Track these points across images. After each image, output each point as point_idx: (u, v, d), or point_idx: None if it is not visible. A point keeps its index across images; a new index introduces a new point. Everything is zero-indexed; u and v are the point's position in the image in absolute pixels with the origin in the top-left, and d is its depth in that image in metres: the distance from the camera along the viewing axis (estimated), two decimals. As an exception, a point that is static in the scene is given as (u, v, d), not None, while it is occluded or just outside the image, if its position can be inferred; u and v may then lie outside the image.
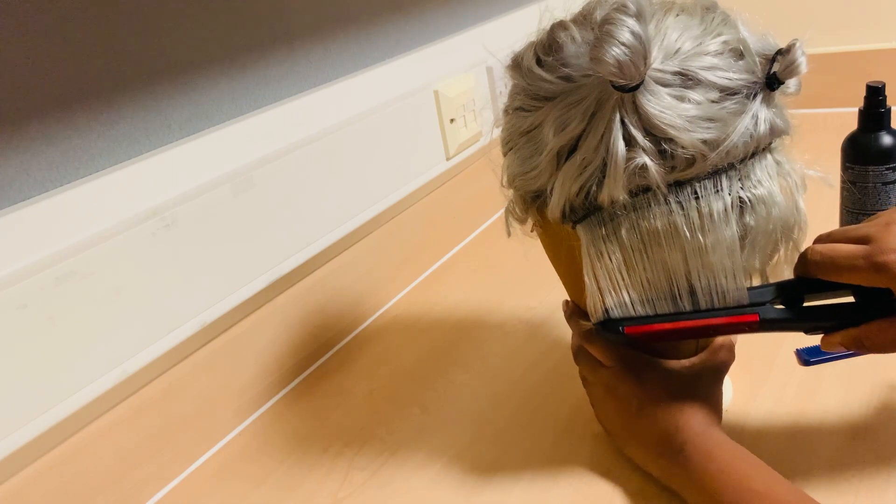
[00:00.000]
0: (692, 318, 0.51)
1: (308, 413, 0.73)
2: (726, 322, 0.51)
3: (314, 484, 0.63)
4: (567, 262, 0.56)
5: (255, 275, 0.75)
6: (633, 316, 0.51)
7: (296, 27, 0.81)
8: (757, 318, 0.51)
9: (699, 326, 0.51)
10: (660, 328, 0.51)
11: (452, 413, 0.69)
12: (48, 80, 0.59)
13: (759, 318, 0.51)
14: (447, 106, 0.98)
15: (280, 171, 0.77)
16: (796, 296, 0.52)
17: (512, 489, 0.59)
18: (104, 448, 0.62)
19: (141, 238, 0.64)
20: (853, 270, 0.48)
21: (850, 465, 0.55)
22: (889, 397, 0.61)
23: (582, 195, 0.49)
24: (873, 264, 0.47)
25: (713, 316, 0.51)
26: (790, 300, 0.52)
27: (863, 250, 0.48)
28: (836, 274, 0.49)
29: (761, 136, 0.48)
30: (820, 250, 0.50)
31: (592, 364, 0.59)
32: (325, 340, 0.83)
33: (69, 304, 0.59)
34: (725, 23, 0.49)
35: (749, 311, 0.51)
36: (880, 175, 0.71)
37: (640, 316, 0.51)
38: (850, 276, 0.48)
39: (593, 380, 0.59)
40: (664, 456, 0.53)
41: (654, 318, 0.51)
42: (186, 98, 0.70)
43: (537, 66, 0.51)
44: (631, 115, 0.46)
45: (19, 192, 0.58)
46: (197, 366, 0.69)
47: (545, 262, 0.61)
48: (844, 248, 0.49)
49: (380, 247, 0.90)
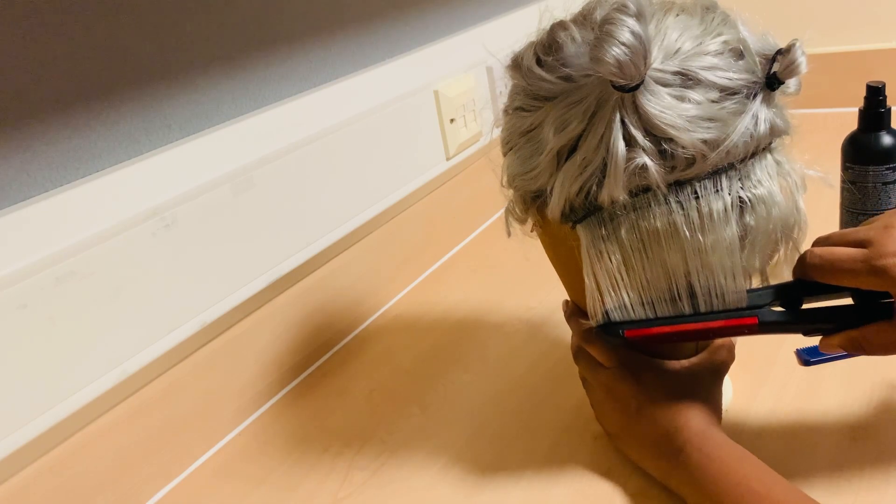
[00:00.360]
0: (691, 321, 0.51)
1: (308, 413, 0.73)
2: (725, 325, 0.51)
3: (314, 484, 0.63)
4: (567, 262, 0.56)
5: (255, 275, 0.75)
6: (632, 319, 0.51)
7: (296, 27, 0.81)
8: (756, 320, 0.51)
9: (698, 329, 0.51)
10: (659, 331, 0.51)
11: (452, 413, 0.69)
12: (48, 80, 0.59)
13: (758, 320, 0.51)
14: (447, 106, 0.98)
15: (280, 171, 0.77)
16: (795, 298, 0.52)
17: (512, 489, 0.59)
18: (104, 448, 0.62)
19: (141, 238, 0.64)
20: (851, 274, 0.48)
21: (850, 465, 0.55)
22: (889, 397, 0.61)
23: (582, 195, 0.49)
24: (871, 268, 0.47)
25: (712, 319, 0.51)
26: (789, 302, 0.52)
27: (861, 254, 0.48)
28: (834, 277, 0.49)
29: (761, 136, 0.48)
30: (818, 253, 0.50)
31: (592, 365, 0.59)
32: (325, 340, 0.83)
33: (69, 304, 0.59)
34: (725, 23, 0.49)
35: (748, 314, 0.51)
36: (880, 175, 0.71)
37: (640, 319, 0.51)
38: (848, 279, 0.49)
39: (593, 381, 0.59)
40: (663, 456, 0.53)
41: (653, 320, 0.51)
42: (186, 98, 0.70)
43: (537, 66, 0.51)
44: (631, 115, 0.46)
45: (19, 192, 0.58)
46: (197, 366, 0.69)
47: (545, 262, 0.61)
48: (843, 251, 0.49)
49: (380, 247, 0.90)
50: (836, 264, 0.49)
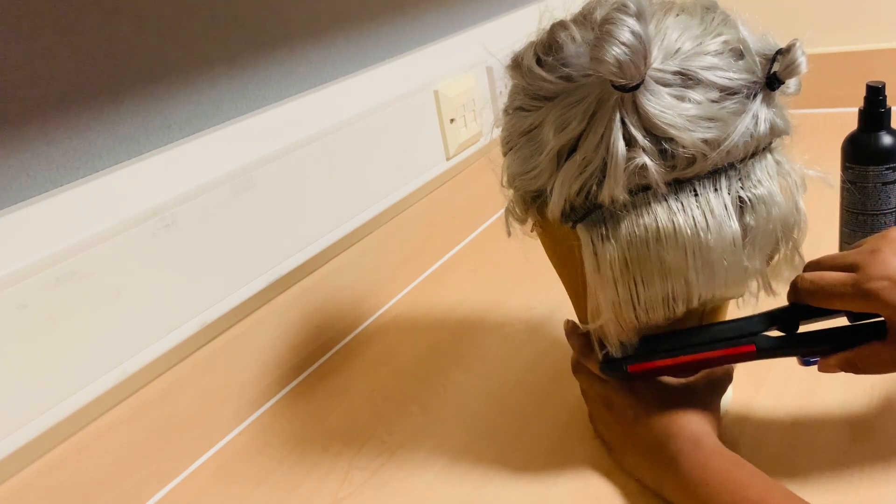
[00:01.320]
0: (691, 353, 0.53)
1: (308, 413, 0.73)
2: (724, 354, 0.53)
3: (314, 484, 0.63)
4: (567, 261, 0.56)
5: (255, 275, 0.75)
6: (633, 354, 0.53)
7: (296, 27, 0.81)
8: (754, 348, 0.52)
9: (698, 360, 0.53)
10: (661, 364, 0.53)
11: (452, 413, 0.69)
12: (48, 80, 0.59)
13: (755, 347, 0.52)
14: (447, 106, 0.98)
15: (280, 171, 0.77)
16: (791, 322, 0.54)
17: (512, 489, 0.59)
18: (104, 448, 0.62)
19: (141, 238, 0.64)
20: (842, 298, 0.50)
21: (851, 465, 0.55)
22: (889, 397, 0.61)
23: (582, 195, 0.49)
24: (861, 291, 0.48)
25: (711, 349, 0.53)
26: (786, 327, 0.54)
27: (850, 278, 0.49)
28: (826, 301, 0.51)
29: (761, 136, 0.48)
30: (809, 278, 0.52)
31: (591, 378, 0.60)
32: (325, 340, 0.83)
33: (69, 304, 0.59)
34: (725, 23, 0.49)
35: (745, 342, 0.53)
36: (880, 175, 0.71)
37: (641, 353, 0.53)
38: (839, 302, 0.50)
39: (591, 393, 0.60)
40: (658, 465, 0.53)
41: (653, 353, 0.53)
42: (186, 98, 0.70)
43: (537, 65, 0.51)
44: (631, 114, 0.46)
45: (19, 192, 0.58)
46: (197, 366, 0.69)
47: (545, 262, 0.61)
48: (832, 276, 0.51)
49: (380, 247, 0.90)
50: (826, 289, 0.50)
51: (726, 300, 0.55)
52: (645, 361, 0.53)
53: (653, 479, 0.54)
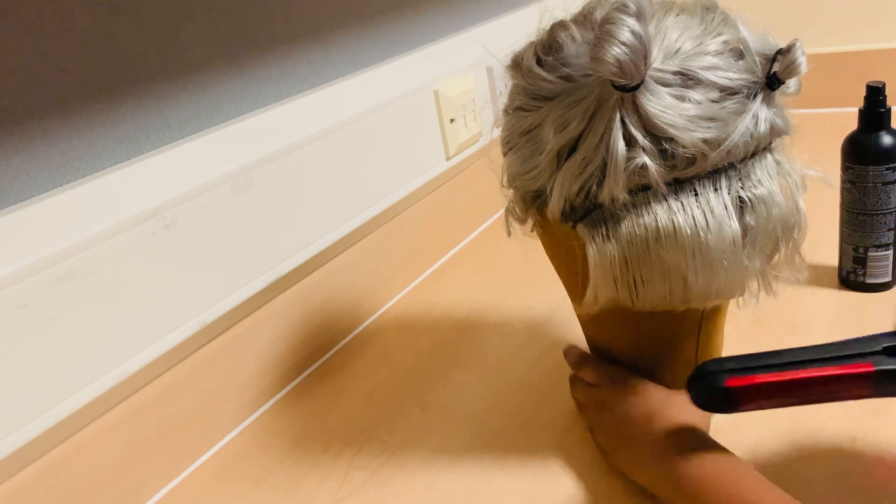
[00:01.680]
0: (797, 369, 0.46)
1: (308, 413, 0.73)
2: (836, 374, 0.46)
3: (314, 484, 0.63)
4: (567, 261, 0.56)
5: (255, 275, 0.75)
6: (731, 368, 0.48)
7: (296, 27, 0.81)
8: (872, 367, 0.45)
9: (806, 378, 0.46)
10: (763, 380, 0.47)
11: (452, 413, 0.69)
12: (48, 80, 0.59)
13: (873, 366, 0.45)
14: (447, 106, 0.98)
15: (280, 171, 0.77)
16: None
17: (512, 489, 0.59)
18: (104, 448, 0.62)
19: (141, 238, 0.64)
20: None
21: (850, 466, 0.55)
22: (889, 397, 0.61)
23: (582, 195, 0.49)
24: None
25: (820, 366, 0.46)
26: None
27: None
28: None
29: (761, 136, 0.48)
30: None
31: (586, 387, 0.61)
32: (325, 340, 0.83)
33: (69, 304, 0.59)
34: (725, 23, 0.49)
35: (860, 360, 0.45)
36: (880, 175, 0.71)
37: (740, 366, 0.48)
38: None
39: (587, 400, 0.60)
40: (652, 464, 0.53)
41: (755, 369, 0.47)
42: (186, 98, 0.70)
43: (537, 65, 0.51)
44: (631, 114, 0.46)
45: (19, 192, 0.58)
46: (197, 366, 0.69)
47: (545, 262, 0.61)
48: None
49: (380, 247, 0.90)
50: None
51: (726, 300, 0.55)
52: (744, 375, 0.47)
53: (647, 479, 0.54)
